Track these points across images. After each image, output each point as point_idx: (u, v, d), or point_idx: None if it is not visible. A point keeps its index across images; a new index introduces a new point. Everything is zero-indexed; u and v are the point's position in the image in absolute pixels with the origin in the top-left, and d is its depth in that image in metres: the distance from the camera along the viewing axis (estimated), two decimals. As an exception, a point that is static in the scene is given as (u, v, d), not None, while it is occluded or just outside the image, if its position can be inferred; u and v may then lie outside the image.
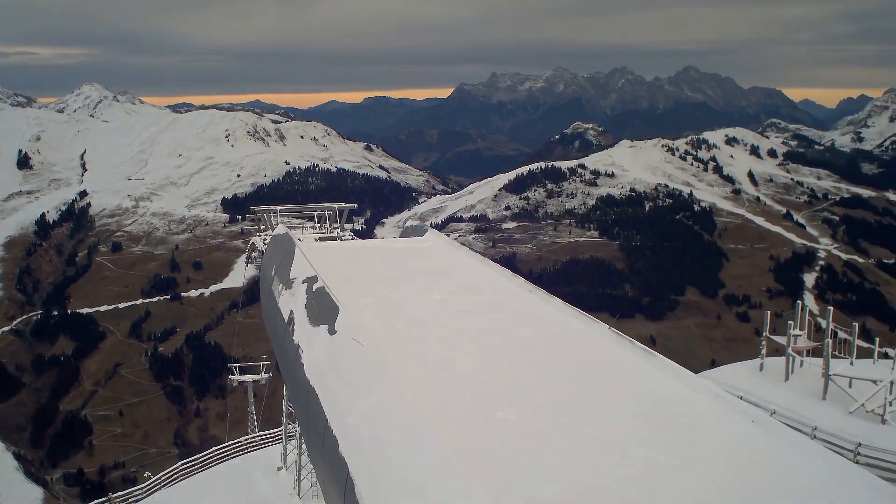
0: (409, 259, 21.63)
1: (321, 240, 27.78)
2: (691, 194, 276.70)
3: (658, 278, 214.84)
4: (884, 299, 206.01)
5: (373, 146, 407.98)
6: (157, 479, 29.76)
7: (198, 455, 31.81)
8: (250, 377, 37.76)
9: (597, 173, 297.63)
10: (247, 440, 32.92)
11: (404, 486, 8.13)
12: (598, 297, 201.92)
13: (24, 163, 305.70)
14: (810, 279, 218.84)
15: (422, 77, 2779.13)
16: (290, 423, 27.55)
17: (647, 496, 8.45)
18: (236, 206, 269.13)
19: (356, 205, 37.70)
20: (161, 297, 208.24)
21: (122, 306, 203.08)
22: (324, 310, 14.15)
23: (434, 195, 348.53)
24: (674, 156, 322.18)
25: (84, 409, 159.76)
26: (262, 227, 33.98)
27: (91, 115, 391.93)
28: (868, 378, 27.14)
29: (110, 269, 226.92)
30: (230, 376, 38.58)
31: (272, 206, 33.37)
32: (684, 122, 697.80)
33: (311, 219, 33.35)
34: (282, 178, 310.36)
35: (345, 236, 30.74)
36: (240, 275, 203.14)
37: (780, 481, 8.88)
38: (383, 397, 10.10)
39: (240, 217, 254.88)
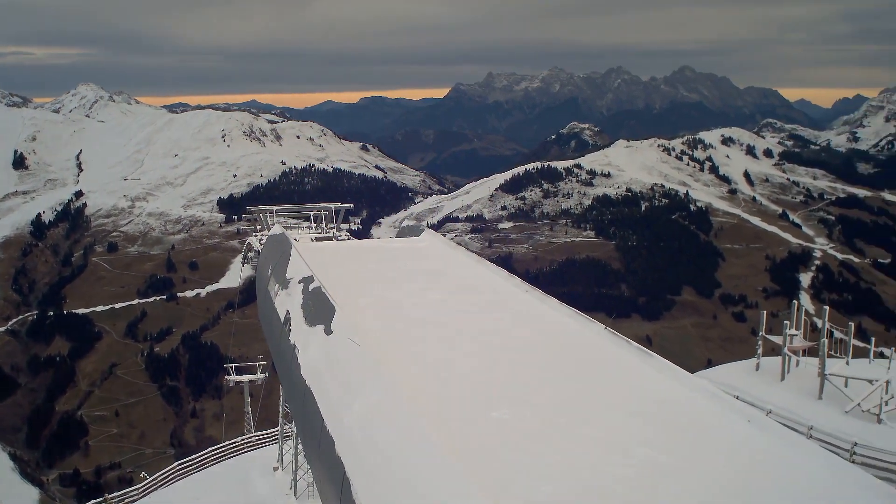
0: (405, 259, 21.60)
1: (317, 240, 27.74)
2: (687, 194, 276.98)
3: (654, 278, 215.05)
4: (879, 299, 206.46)
5: (369, 146, 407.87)
6: (154, 479, 29.75)
7: (194, 455, 31.81)
8: (247, 377, 37.67)
9: (593, 173, 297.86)
10: (243, 440, 32.93)
11: (401, 486, 8.12)
12: (595, 297, 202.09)
13: (19, 163, 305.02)
14: (806, 279, 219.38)
15: (418, 77, 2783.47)
16: (286, 424, 27.53)
17: (644, 496, 8.44)
18: (232, 207, 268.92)
19: (352, 205, 37.61)
20: (157, 298, 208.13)
21: (118, 306, 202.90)
22: (320, 310, 14.12)
23: (430, 195, 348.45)
24: (670, 156, 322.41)
25: (80, 409, 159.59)
26: (258, 228, 33.89)
27: (87, 116, 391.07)
28: (864, 378, 27.15)
29: (106, 270, 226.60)
30: (226, 377, 38.50)
31: (268, 207, 33.28)
32: (680, 122, 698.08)
33: (307, 219, 33.28)
34: (278, 178, 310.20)
35: (341, 236, 30.70)
36: (236, 275, 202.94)
37: (776, 481, 8.88)
38: (380, 397, 10.07)
39: (236, 217, 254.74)
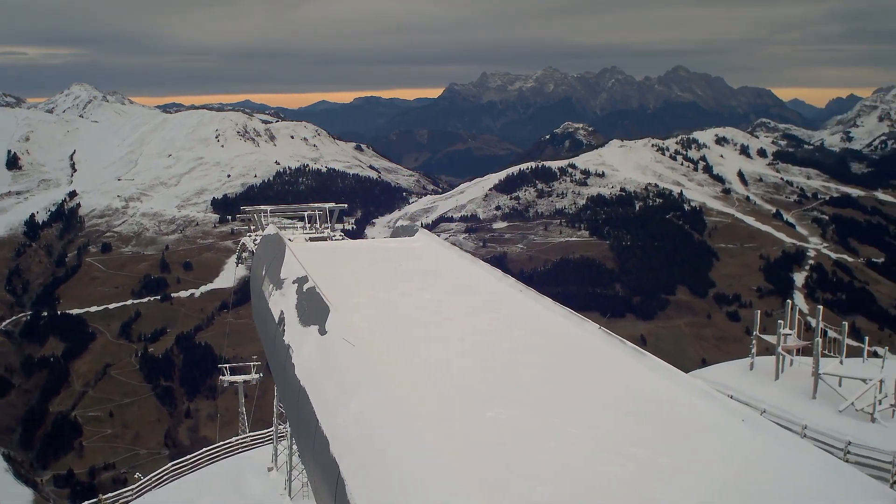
0: (399, 259, 21.61)
1: (311, 240, 27.76)
2: (681, 194, 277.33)
3: (648, 278, 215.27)
4: (873, 298, 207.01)
5: (363, 146, 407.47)
6: (148, 480, 29.67)
7: (189, 456, 31.74)
8: (241, 378, 37.60)
9: (587, 173, 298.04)
10: (238, 441, 32.86)
11: (395, 486, 8.12)
12: (589, 296, 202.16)
13: (13, 163, 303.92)
14: (800, 278, 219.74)
15: (412, 77, 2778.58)
16: (280, 424, 27.51)
17: (639, 495, 8.45)
18: (226, 207, 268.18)
19: (346, 205, 37.60)
20: (151, 298, 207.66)
21: (111, 307, 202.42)
22: (314, 310, 14.12)
23: (424, 195, 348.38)
24: (664, 155, 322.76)
25: (74, 410, 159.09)
26: (252, 228, 33.91)
27: (80, 116, 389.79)
28: (857, 377, 27.24)
29: (100, 270, 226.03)
30: (221, 377, 38.43)
31: (262, 207, 33.32)
32: (674, 122, 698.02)
33: (301, 219, 33.32)
34: (272, 178, 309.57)
35: (335, 236, 30.73)
36: (230, 275, 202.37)
37: (770, 480, 8.91)
38: (374, 397, 10.07)
39: (230, 217, 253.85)
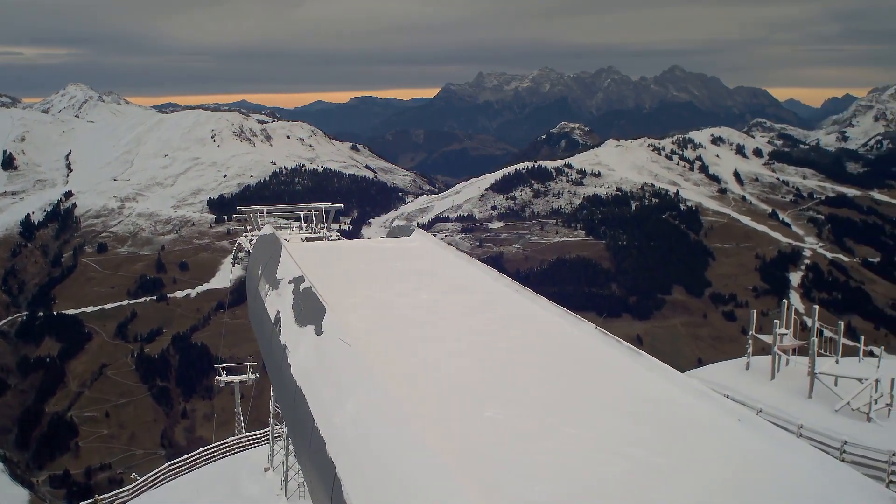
0: (395, 259, 21.61)
1: (308, 240, 27.74)
2: (677, 194, 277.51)
3: (644, 277, 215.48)
4: (869, 298, 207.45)
5: (359, 146, 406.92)
6: (144, 480, 29.67)
7: (185, 456, 31.76)
8: (237, 378, 37.57)
9: (583, 173, 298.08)
10: (234, 441, 32.88)
11: (392, 486, 8.11)
12: (585, 296, 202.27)
13: (8, 163, 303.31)
14: (796, 278, 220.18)
15: (408, 77, 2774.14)
16: (277, 424, 27.51)
17: (636, 495, 8.46)
18: (222, 207, 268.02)
19: (343, 205, 37.54)
20: (147, 298, 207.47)
21: (107, 307, 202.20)
22: (310, 310, 14.10)
23: (421, 195, 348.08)
24: (660, 155, 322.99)
25: (70, 410, 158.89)
26: (248, 228, 33.89)
27: (76, 116, 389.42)
28: (853, 376, 27.27)
29: (96, 270, 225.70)
30: (217, 377, 38.35)
31: (258, 207, 33.27)
32: (670, 122, 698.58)
33: (297, 219, 33.26)
34: (268, 178, 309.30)
35: (331, 236, 30.71)
36: (226, 275, 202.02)
37: (766, 479, 8.91)
38: (370, 398, 10.06)
39: (226, 217, 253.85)
